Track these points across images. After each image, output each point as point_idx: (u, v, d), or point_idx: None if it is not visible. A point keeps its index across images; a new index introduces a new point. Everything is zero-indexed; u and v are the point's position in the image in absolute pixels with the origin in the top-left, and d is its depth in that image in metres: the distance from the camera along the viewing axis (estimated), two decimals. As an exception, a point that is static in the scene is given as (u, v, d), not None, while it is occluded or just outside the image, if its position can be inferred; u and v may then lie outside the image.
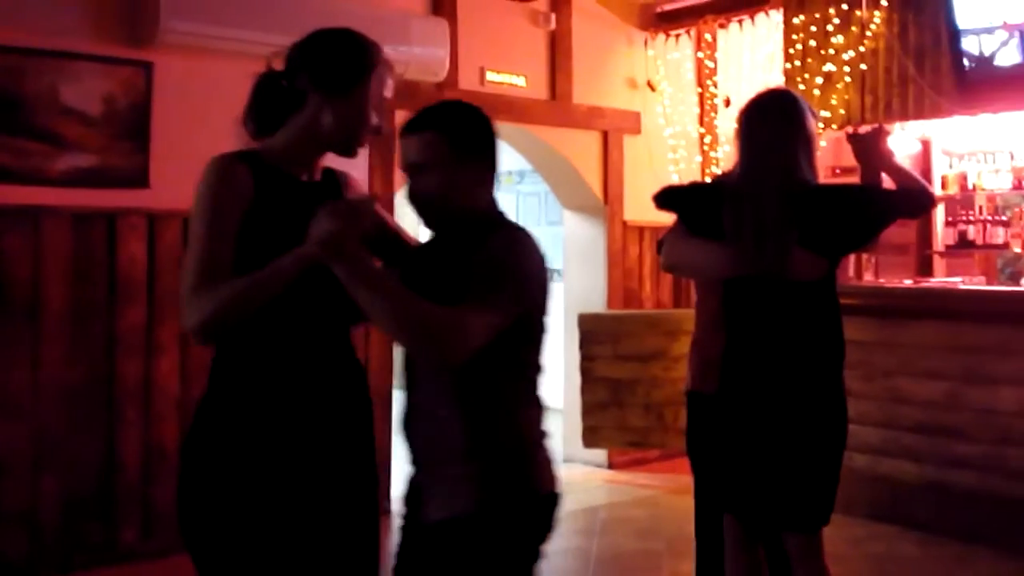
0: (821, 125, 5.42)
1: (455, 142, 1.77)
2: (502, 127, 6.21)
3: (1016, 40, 4.86)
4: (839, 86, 5.31)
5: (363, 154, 5.32)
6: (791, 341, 2.37)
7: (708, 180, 2.88)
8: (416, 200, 1.79)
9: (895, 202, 2.56)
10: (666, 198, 2.58)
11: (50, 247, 3.87)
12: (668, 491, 5.19)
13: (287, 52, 1.87)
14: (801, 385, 2.37)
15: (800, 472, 2.38)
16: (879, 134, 2.73)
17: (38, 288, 3.84)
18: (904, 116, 5.41)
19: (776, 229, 2.28)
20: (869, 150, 2.70)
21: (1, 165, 3.76)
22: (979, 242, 6.92)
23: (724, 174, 2.81)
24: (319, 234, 1.60)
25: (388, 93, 1.87)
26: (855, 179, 6.49)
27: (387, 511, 3.95)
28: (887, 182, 2.76)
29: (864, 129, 2.60)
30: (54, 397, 3.86)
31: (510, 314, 1.67)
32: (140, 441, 4.06)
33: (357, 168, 4.63)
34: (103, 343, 3.99)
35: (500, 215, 1.84)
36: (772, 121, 2.39)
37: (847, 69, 5.27)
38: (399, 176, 4.99)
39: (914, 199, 2.63)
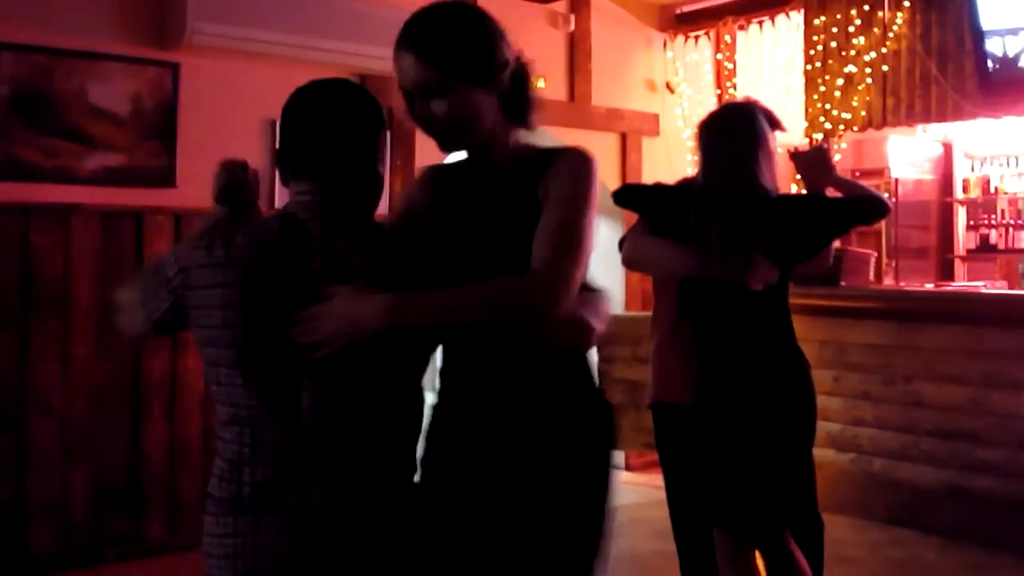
0: (842, 127, 5.42)
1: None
2: (521, 129, 6.21)
3: (1040, 42, 4.84)
4: (860, 88, 5.29)
5: (385, 154, 5.31)
6: (760, 347, 2.49)
7: (677, 184, 2.93)
8: None
9: (848, 211, 2.62)
10: (626, 196, 2.70)
11: (79, 244, 3.93)
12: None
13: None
14: (779, 389, 2.48)
15: (796, 470, 2.51)
16: (821, 152, 2.86)
17: (67, 285, 3.90)
18: (927, 118, 5.39)
19: (742, 238, 2.39)
20: (812, 167, 2.79)
21: (32, 164, 3.82)
22: (1001, 246, 6.89)
23: (687, 180, 2.86)
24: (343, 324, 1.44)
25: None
26: (876, 181, 6.47)
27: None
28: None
29: (805, 147, 2.73)
30: (82, 392, 3.92)
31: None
32: (166, 436, 4.12)
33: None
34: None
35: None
36: (736, 134, 2.50)
37: (868, 71, 5.26)
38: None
39: (866, 208, 2.65)
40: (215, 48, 4.14)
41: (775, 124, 2.63)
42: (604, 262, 6.38)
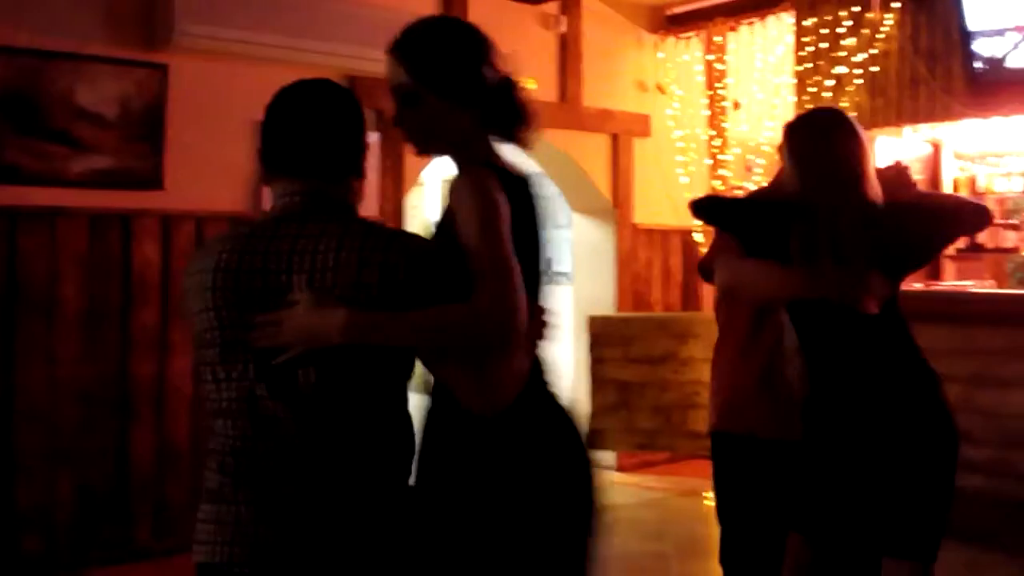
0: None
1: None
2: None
3: (1028, 43, 4.86)
4: (850, 89, 5.31)
5: (374, 156, 5.35)
6: (885, 371, 2.25)
7: (761, 197, 2.68)
8: None
9: (957, 219, 2.40)
10: (712, 211, 2.43)
11: (66, 247, 3.91)
12: (676, 493, 5.19)
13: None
14: (911, 414, 2.26)
15: (915, 497, 2.30)
16: (902, 170, 2.54)
17: (54, 288, 3.88)
18: (915, 118, 5.41)
19: (856, 256, 2.16)
20: (894, 185, 2.49)
21: (19, 166, 3.80)
22: (989, 246, 6.91)
23: (771, 191, 2.62)
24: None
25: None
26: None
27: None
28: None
29: (885, 166, 2.51)
30: (69, 396, 3.90)
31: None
32: (154, 440, 4.10)
33: (370, 170, 4.67)
34: (117, 343, 4.03)
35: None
36: (840, 138, 2.25)
37: (858, 71, 5.27)
38: (409, 178, 5.03)
39: (973, 216, 2.43)
40: (203, 50, 4.13)
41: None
42: (594, 260, 6.40)
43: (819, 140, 2.27)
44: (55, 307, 3.88)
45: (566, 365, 6.17)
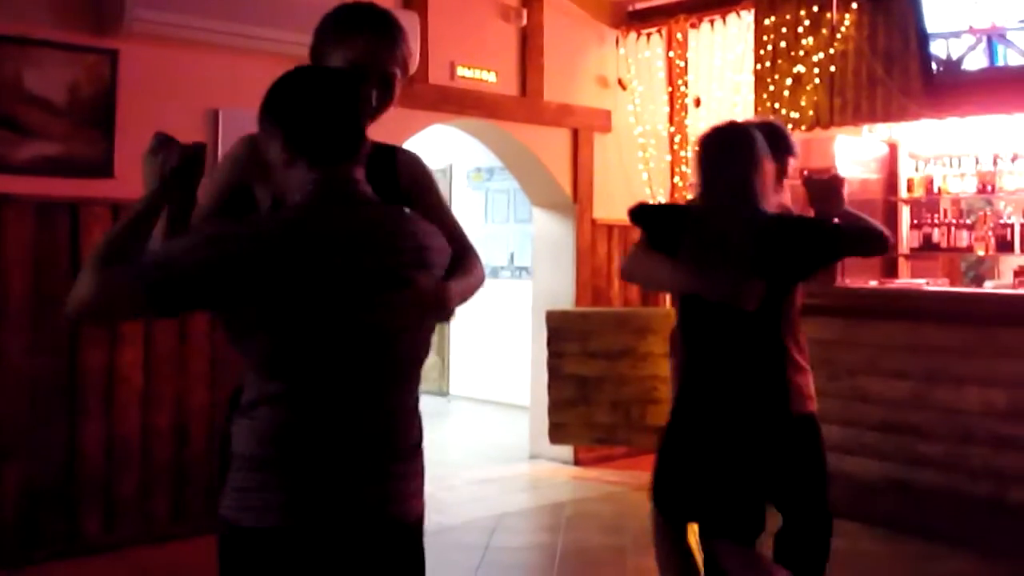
0: (790, 126, 5.48)
1: (263, 108, 1.63)
2: (472, 123, 6.21)
3: (983, 45, 4.93)
4: (808, 88, 5.35)
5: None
6: (742, 368, 2.53)
7: (679, 203, 2.96)
8: None
9: (844, 241, 2.65)
10: (637, 214, 2.72)
11: (13, 236, 3.81)
12: (634, 487, 5.20)
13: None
14: (756, 410, 2.53)
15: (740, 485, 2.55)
16: (834, 180, 2.86)
17: (1, 277, 3.77)
18: (872, 118, 5.47)
19: (734, 257, 2.45)
20: (824, 195, 2.80)
21: (-38, 152, 3.70)
22: (944, 245, 7.01)
23: (694, 199, 2.88)
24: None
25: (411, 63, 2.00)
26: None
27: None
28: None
29: (820, 174, 2.76)
30: (16, 387, 3.81)
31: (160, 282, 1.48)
32: (103, 433, 4.01)
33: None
34: (66, 334, 3.93)
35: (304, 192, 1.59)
36: (737, 155, 2.54)
37: (817, 71, 5.32)
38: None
39: (865, 240, 2.72)
40: (155, 35, 4.04)
41: (788, 149, 2.84)
42: (554, 255, 6.39)
43: (717, 155, 2.57)
44: (1, 297, 3.78)
45: (524, 359, 6.16)
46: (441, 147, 7.86)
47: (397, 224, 1.62)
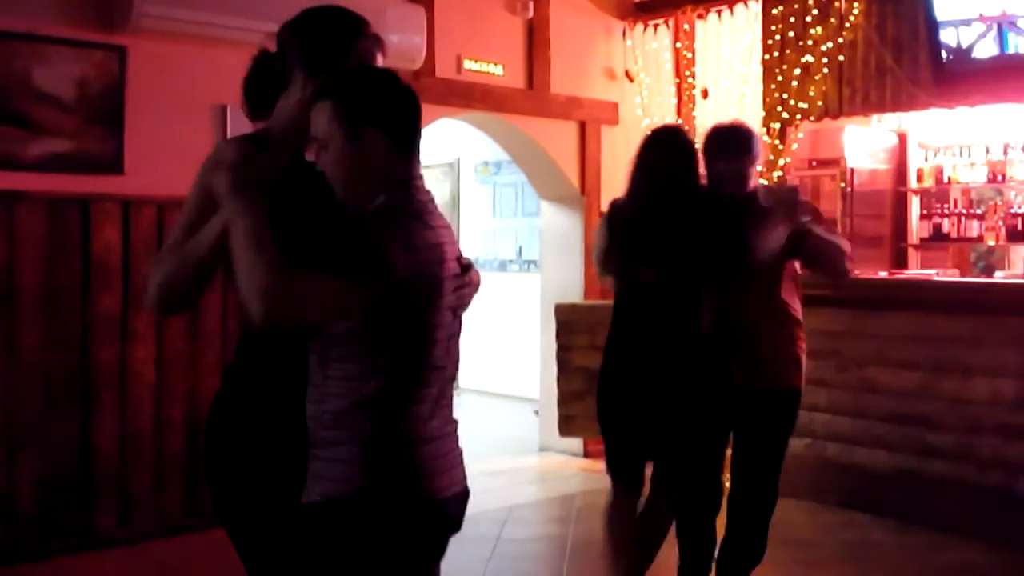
0: (798, 116, 5.46)
1: (346, 111, 1.64)
2: (479, 116, 6.20)
3: (993, 32, 4.89)
4: (817, 77, 5.33)
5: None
6: (653, 334, 2.98)
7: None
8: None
9: (754, 254, 2.94)
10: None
11: (24, 232, 3.83)
12: (644, 479, 5.21)
13: (278, 32, 1.87)
14: (659, 366, 2.95)
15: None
16: (791, 194, 3.13)
17: (13, 274, 3.81)
18: (881, 108, 5.44)
19: (631, 245, 2.96)
20: (779, 204, 3.02)
21: (-27, 149, 3.72)
22: (953, 235, 6.99)
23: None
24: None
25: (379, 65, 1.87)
26: (832, 171, 6.60)
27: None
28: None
29: (782, 184, 3.03)
30: (29, 382, 3.84)
31: (360, 293, 1.56)
32: (116, 427, 4.04)
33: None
34: (78, 329, 3.96)
35: (401, 195, 1.67)
36: (656, 156, 2.96)
37: (825, 60, 5.29)
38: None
39: (827, 264, 3.10)
40: (163, 31, 4.05)
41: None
42: (562, 248, 6.39)
43: (639, 157, 3.01)
44: (14, 293, 3.81)
45: (533, 352, 6.17)
46: (448, 141, 7.86)
47: None
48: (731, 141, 3.07)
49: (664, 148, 2.96)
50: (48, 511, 3.87)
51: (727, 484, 3.28)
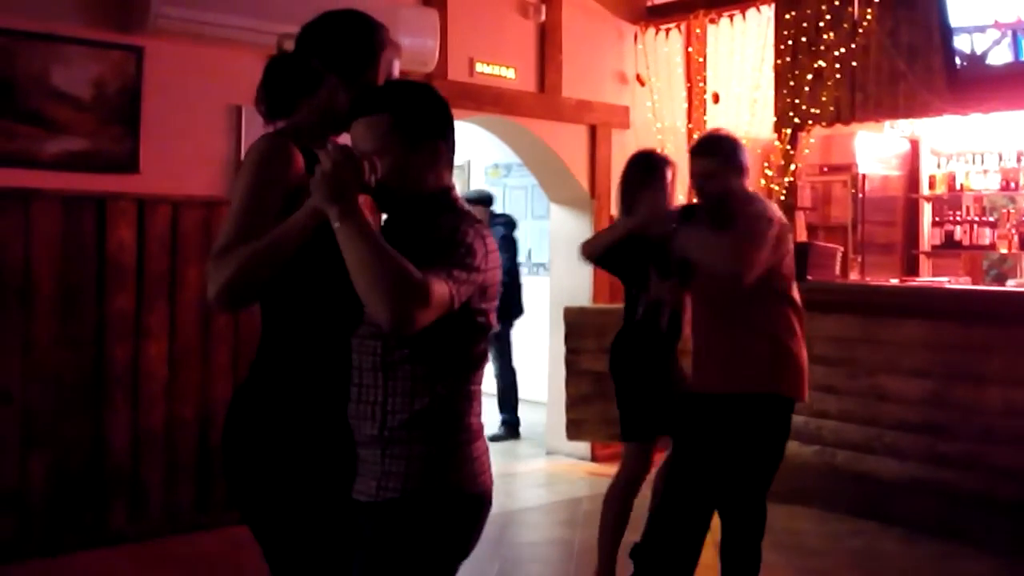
0: (810, 122, 5.46)
1: (406, 125, 1.73)
2: (490, 119, 6.20)
3: (1008, 39, 4.87)
4: (829, 83, 5.33)
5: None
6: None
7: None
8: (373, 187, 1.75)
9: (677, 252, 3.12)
10: None
11: (40, 230, 3.86)
12: (651, 484, 5.21)
13: (298, 34, 1.89)
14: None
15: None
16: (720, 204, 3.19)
17: (28, 271, 3.83)
18: (894, 114, 5.44)
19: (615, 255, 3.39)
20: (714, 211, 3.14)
21: (-9, 148, 3.75)
22: (966, 243, 6.97)
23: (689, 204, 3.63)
24: (316, 177, 1.59)
25: (396, 73, 1.91)
26: (844, 177, 6.64)
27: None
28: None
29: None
30: (43, 380, 3.86)
31: (463, 294, 1.65)
32: (129, 425, 4.07)
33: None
34: (92, 327, 3.99)
35: (452, 199, 1.80)
36: (628, 177, 3.49)
37: (838, 66, 5.29)
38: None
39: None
40: (180, 32, 4.08)
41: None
42: (572, 251, 6.36)
43: (622, 179, 3.53)
44: (29, 291, 3.84)
45: (541, 355, 6.17)
46: (459, 143, 7.82)
47: None
48: (700, 143, 3.28)
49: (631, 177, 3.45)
50: (60, 507, 3.90)
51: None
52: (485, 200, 6.34)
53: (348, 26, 1.87)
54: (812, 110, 5.38)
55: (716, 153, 3.15)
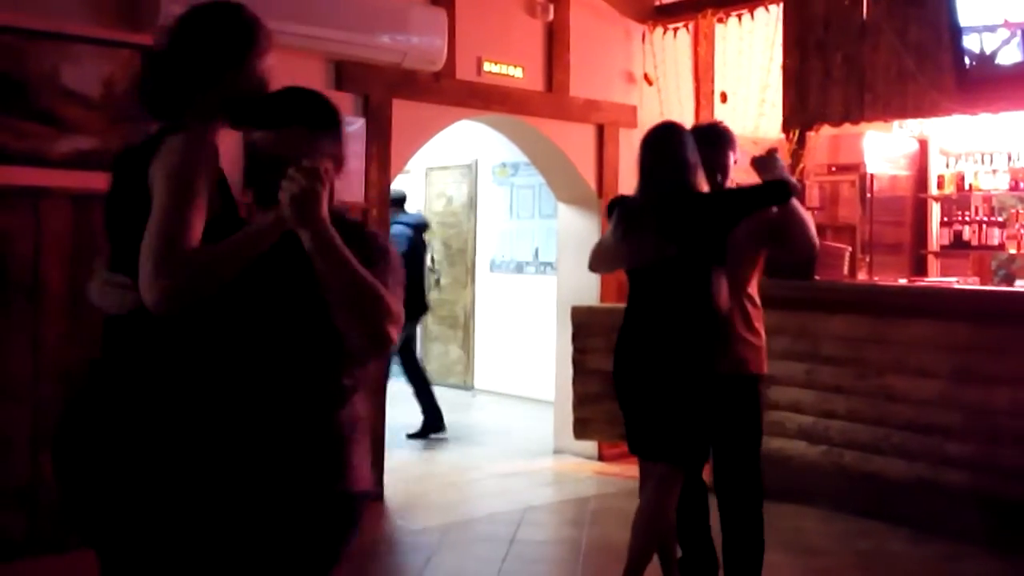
0: (819, 121, 5.44)
1: (315, 124, 1.80)
2: (498, 118, 6.21)
3: (1017, 39, 4.85)
4: (838, 83, 5.31)
5: (359, 143, 5.29)
6: (658, 312, 3.15)
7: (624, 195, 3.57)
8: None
9: (743, 200, 3.17)
10: (608, 206, 3.42)
11: (50, 229, 3.87)
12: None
13: (172, 27, 1.89)
14: (655, 346, 3.11)
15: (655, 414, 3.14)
16: (771, 152, 3.38)
17: (38, 269, 3.85)
18: (903, 114, 5.42)
19: (641, 227, 3.14)
20: (766, 167, 3.29)
21: (2, 146, 3.76)
22: (974, 243, 6.94)
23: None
24: (288, 195, 1.62)
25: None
26: (852, 176, 6.66)
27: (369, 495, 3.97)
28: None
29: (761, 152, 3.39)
30: (53, 377, 3.87)
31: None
32: (135, 424, 4.07)
33: (354, 157, 4.65)
34: (101, 325, 3.98)
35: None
36: (645, 150, 3.27)
37: (846, 66, 5.27)
38: (395, 165, 5.01)
39: (762, 194, 3.22)
40: (189, 31, 4.08)
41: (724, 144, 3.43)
42: (579, 250, 6.38)
43: (640, 152, 3.28)
44: (39, 289, 3.85)
45: (548, 355, 6.18)
46: (467, 142, 7.88)
47: None
48: (701, 133, 3.41)
49: (650, 149, 3.25)
50: (69, 505, 3.91)
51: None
52: (398, 200, 6.31)
53: (220, 17, 1.87)
54: (820, 110, 5.36)
55: (713, 144, 3.39)
